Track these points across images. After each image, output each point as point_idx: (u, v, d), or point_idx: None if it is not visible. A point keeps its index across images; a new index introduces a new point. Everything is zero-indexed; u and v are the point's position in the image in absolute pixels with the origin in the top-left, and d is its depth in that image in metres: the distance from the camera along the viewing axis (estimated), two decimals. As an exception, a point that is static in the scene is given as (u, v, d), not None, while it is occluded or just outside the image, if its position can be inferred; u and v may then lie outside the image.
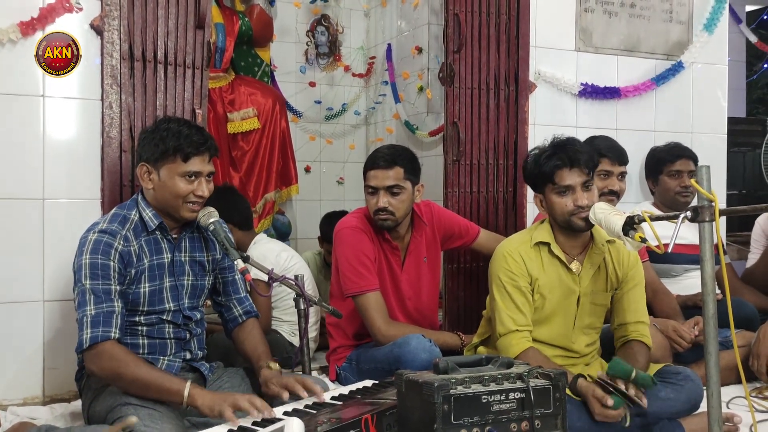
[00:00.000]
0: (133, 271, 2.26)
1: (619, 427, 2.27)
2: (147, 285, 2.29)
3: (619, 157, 3.34)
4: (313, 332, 3.32)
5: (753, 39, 6.42)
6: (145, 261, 2.29)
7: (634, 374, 2.19)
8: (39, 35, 2.75)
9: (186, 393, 2.08)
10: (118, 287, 2.20)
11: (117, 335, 2.15)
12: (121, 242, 2.24)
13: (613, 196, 3.27)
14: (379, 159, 2.85)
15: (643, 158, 3.81)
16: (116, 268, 2.21)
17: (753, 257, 3.75)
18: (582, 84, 3.77)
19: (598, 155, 2.78)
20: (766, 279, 3.60)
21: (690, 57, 4.02)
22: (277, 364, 2.32)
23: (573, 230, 2.50)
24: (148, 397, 2.12)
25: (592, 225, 2.44)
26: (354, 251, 2.84)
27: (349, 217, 2.99)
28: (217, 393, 2.15)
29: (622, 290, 2.62)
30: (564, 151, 2.46)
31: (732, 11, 5.71)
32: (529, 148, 3.58)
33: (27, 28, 2.72)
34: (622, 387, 2.20)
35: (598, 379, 2.26)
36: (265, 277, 2.43)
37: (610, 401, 2.18)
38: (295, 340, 3.30)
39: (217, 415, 2.02)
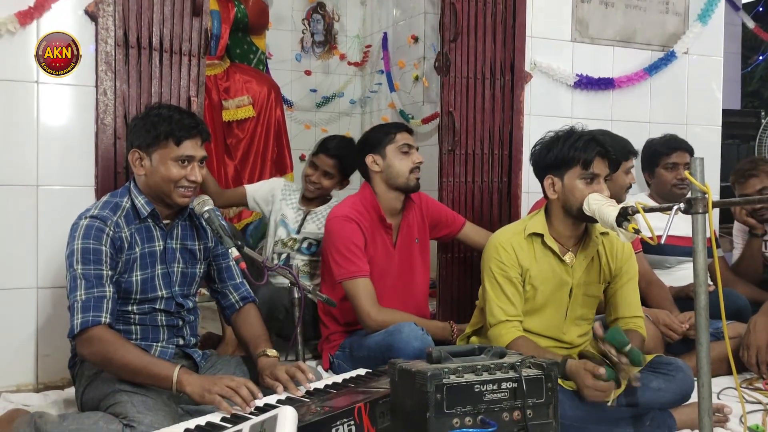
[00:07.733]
0: (124, 258, 2.25)
1: (609, 416, 2.29)
2: (139, 273, 2.29)
3: (626, 155, 3.32)
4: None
5: (751, 24, 6.39)
6: (137, 249, 2.28)
7: (629, 347, 2.20)
8: (35, 26, 2.74)
9: (174, 379, 2.07)
10: (110, 272, 2.19)
11: (108, 320, 2.14)
12: (113, 228, 2.23)
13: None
14: (401, 125, 3.13)
15: (637, 150, 3.80)
16: (108, 253, 2.20)
17: (737, 252, 3.74)
18: (577, 75, 3.77)
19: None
20: (751, 272, 3.60)
21: (684, 48, 4.02)
22: (275, 351, 2.33)
23: (582, 220, 2.49)
24: (138, 383, 2.12)
25: None
26: (343, 239, 2.90)
27: (340, 206, 3.01)
28: (206, 378, 2.12)
29: (616, 284, 2.62)
30: (603, 141, 2.47)
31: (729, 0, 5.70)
32: (525, 138, 3.59)
33: (25, 17, 2.71)
34: (613, 352, 2.20)
35: (593, 330, 2.27)
36: None
37: (601, 370, 2.18)
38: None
39: (208, 403, 2.02)
